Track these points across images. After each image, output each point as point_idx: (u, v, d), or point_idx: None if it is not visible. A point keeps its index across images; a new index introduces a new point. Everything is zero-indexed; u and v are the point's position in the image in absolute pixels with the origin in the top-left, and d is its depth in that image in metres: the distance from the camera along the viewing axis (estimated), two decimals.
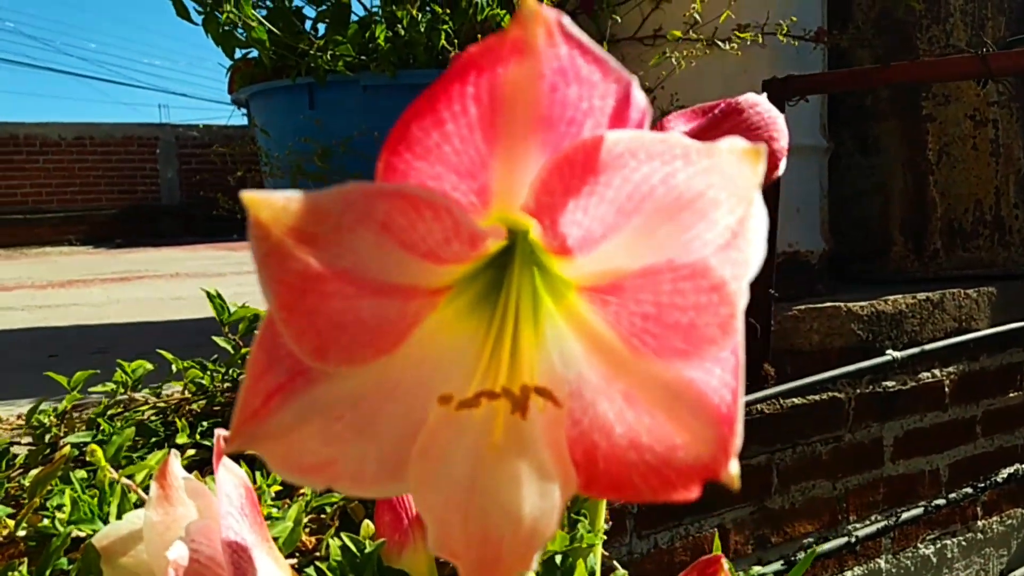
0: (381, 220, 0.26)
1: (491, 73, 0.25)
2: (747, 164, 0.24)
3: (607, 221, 0.27)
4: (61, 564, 0.50)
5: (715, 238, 0.26)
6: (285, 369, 0.27)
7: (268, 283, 0.25)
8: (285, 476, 0.26)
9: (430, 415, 0.29)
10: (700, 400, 0.27)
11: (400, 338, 0.29)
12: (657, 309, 0.27)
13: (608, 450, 0.29)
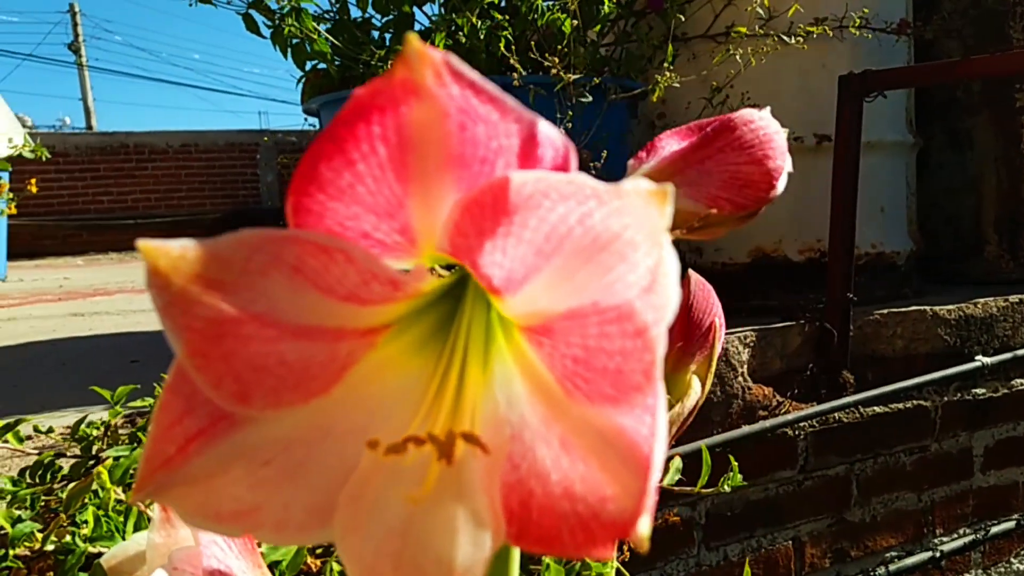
0: (292, 263, 0.25)
1: (394, 113, 0.24)
2: (654, 206, 0.23)
3: (528, 262, 0.25)
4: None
5: (637, 280, 0.25)
6: (207, 413, 0.27)
7: (174, 331, 0.25)
8: (197, 525, 0.26)
9: (363, 459, 0.28)
10: (631, 449, 0.26)
11: (332, 380, 0.29)
12: (586, 353, 0.26)
13: (543, 499, 0.28)
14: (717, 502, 1.45)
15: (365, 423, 0.29)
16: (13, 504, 0.62)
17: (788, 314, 1.62)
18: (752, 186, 0.40)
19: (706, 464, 0.66)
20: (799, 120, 1.76)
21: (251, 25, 1.47)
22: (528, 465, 0.28)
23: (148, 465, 0.25)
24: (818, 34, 1.59)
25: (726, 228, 0.41)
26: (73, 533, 0.54)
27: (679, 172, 0.40)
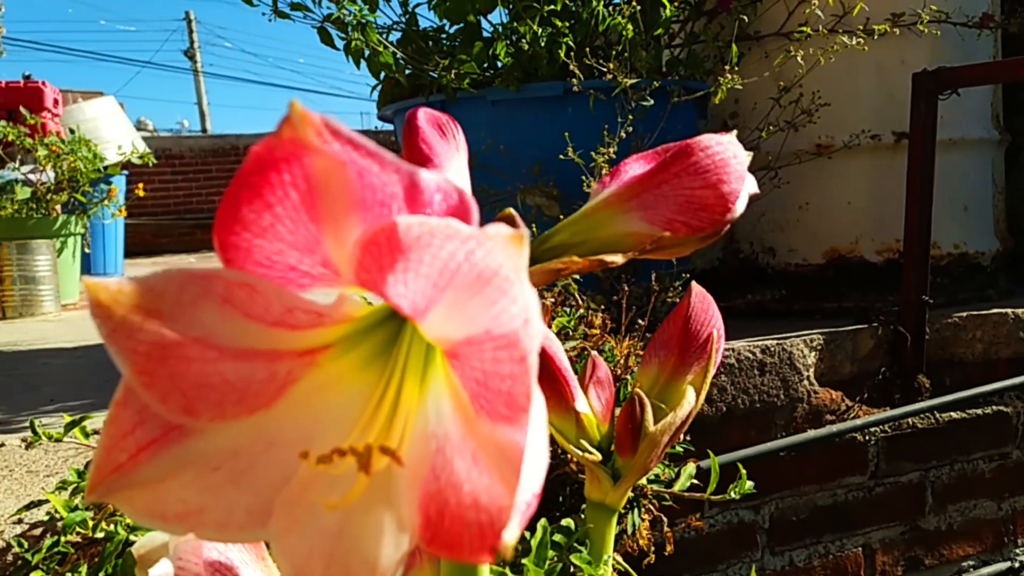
0: (221, 294, 0.29)
1: (299, 163, 0.27)
2: (514, 247, 0.25)
3: (427, 293, 0.28)
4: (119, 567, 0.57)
5: (520, 312, 0.27)
6: (158, 425, 0.30)
7: (119, 354, 0.28)
8: (144, 524, 0.30)
9: (299, 467, 0.32)
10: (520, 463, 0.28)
11: (276, 395, 0.32)
12: (485, 376, 0.29)
13: (455, 507, 0.30)
14: (782, 506, 1.43)
15: (308, 435, 0.33)
16: (76, 494, 0.69)
17: (863, 317, 1.58)
18: (707, 209, 0.41)
19: (714, 471, 0.67)
20: (876, 118, 1.72)
21: (326, 38, 1.53)
22: (447, 476, 0.31)
23: (99, 471, 0.29)
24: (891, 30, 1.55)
25: (685, 249, 0.43)
26: (117, 522, 0.60)
27: (636, 196, 0.42)
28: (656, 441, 0.54)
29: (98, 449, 0.29)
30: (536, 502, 0.28)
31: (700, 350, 0.57)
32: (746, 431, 1.40)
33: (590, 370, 0.56)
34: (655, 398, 0.56)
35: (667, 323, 0.59)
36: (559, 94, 1.43)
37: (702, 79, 1.60)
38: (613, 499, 0.55)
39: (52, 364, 1.85)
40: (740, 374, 1.39)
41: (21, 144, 3.32)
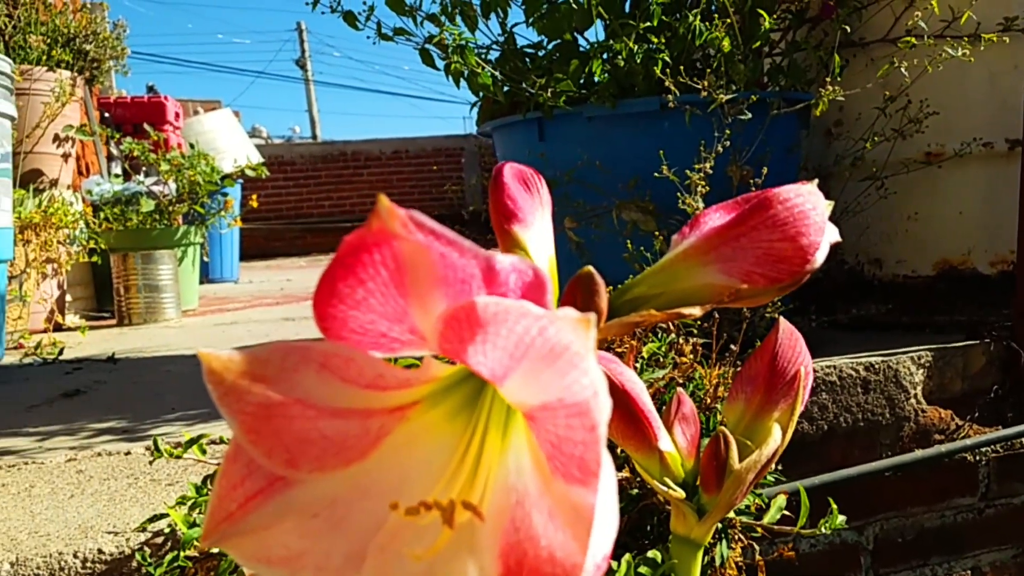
0: (319, 361, 0.32)
1: (389, 246, 0.30)
2: (580, 328, 0.27)
3: (504, 363, 0.30)
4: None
5: (590, 384, 0.29)
6: (263, 476, 0.34)
7: (229, 415, 0.32)
8: (251, 568, 0.33)
9: (389, 517, 0.34)
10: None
11: (368, 449, 0.35)
12: (558, 440, 0.31)
13: (533, 559, 0.32)
14: (887, 528, 1.40)
15: (398, 485, 0.35)
16: (195, 509, 0.74)
17: (974, 331, 1.53)
18: (785, 262, 0.42)
19: (804, 505, 0.67)
20: (989, 125, 1.65)
21: (427, 59, 1.58)
22: (525, 530, 0.33)
23: (212, 519, 0.32)
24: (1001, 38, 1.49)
25: (765, 298, 0.44)
26: None
27: (714, 248, 0.43)
28: (741, 479, 0.55)
29: (211, 499, 0.32)
30: (606, 564, 0.29)
31: (787, 387, 0.57)
32: (848, 450, 1.37)
33: (675, 407, 0.57)
34: (741, 434, 0.57)
35: (754, 358, 0.59)
36: (655, 110, 1.43)
37: (803, 89, 1.57)
38: (698, 534, 0.56)
39: (173, 372, 1.96)
40: (842, 392, 1.37)
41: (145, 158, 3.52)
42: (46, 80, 2.85)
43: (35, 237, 2.47)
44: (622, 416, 0.50)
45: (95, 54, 3.12)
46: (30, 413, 1.51)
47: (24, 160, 2.81)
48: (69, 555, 0.85)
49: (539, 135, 1.54)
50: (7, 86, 2.15)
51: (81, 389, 1.71)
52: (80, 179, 3.66)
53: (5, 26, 2.82)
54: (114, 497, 1.00)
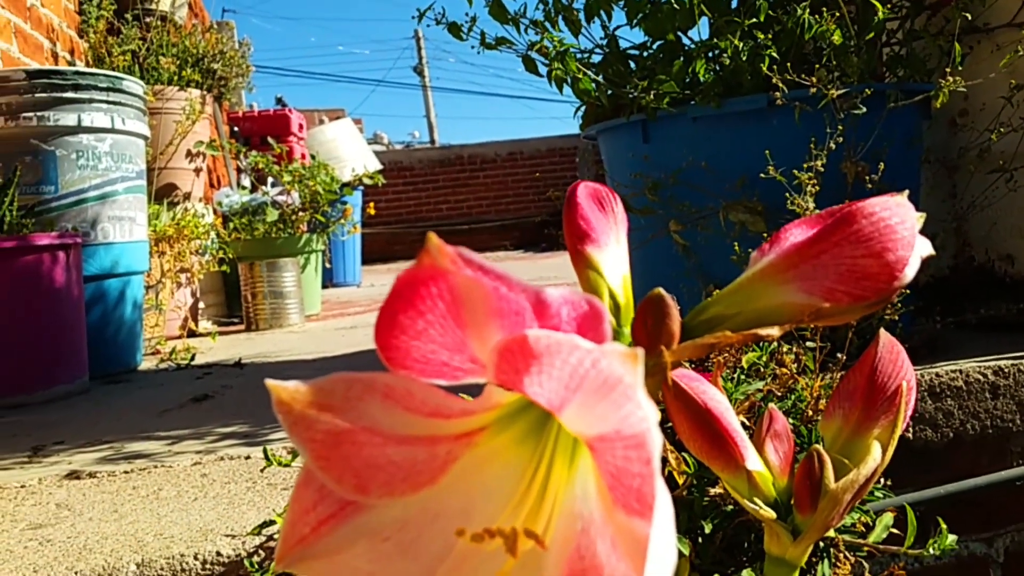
0: (383, 391, 0.32)
1: (444, 279, 0.30)
2: (628, 363, 0.27)
3: (560, 394, 0.30)
4: None
5: (644, 417, 0.29)
6: (335, 501, 0.35)
7: (299, 443, 0.33)
8: None
9: (457, 542, 0.35)
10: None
11: (436, 475, 0.35)
12: (618, 471, 0.31)
13: None
14: (1019, 539, 1.32)
15: (466, 510, 0.36)
16: None
17: None
18: (871, 279, 0.40)
19: (911, 524, 0.64)
20: None
21: (530, 66, 1.58)
22: (590, 558, 0.33)
23: (286, 543, 0.34)
24: None
25: (849, 316, 0.42)
26: None
27: (794, 266, 0.41)
28: (837, 499, 0.53)
29: (284, 524, 0.34)
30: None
31: (887, 403, 0.55)
32: (976, 458, 1.30)
33: (767, 423, 0.56)
34: (837, 452, 0.55)
35: (852, 373, 0.57)
36: (762, 107, 1.39)
37: (923, 80, 1.50)
38: (793, 555, 0.54)
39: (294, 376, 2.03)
40: (969, 397, 1.30)
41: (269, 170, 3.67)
42: (177, 99, 3.02)
43: (169, 248, 2.61)
44: (705, 436, 0.49)
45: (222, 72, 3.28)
46: (162, 418, 1.60)
47: (159, 176, 2.99)
48: (190, 557, 0.89)
49: (643, 137, 1.53)
50: (140, 108, 2.28)
51: (209, 394, 1.80)
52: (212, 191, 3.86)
53: (139, 49, 3.00)
54: (233, 500, 1.05)
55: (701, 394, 0.49)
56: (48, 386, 1.87)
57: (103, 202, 2.14)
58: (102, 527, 0.99)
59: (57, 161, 2.09)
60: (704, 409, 0.49)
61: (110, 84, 2.16)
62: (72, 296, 1.91)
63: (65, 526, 1.01)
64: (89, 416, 1.71)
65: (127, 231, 2.19)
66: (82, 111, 2.11)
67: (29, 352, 1.84)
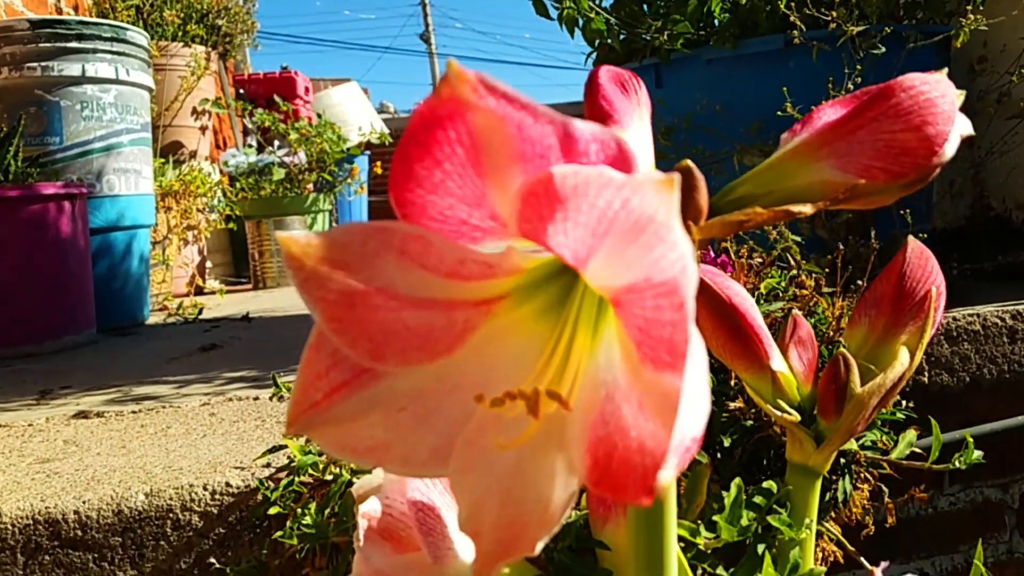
0: (398, 247, 0.31)
1: (463, 119, 0.28)
2: (663, 192, 0.25)
3: (586, 243, 0.29)
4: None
5: (678, 258, 0.27)
6: (349, 368, 0.33)
7: (311, 302, 0.31)
8: (335, 456, 0.33)
9: (476, 410, 0.34)
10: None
11: (455, 343, 0.34)
12: (647, 324, 0.29)
13: (623, 451, 0.31)
14: None
15: (484, 380, 0.34)
16: (310, 441, 0.75)
17: None
18: (909, 154, 0.39)
19: (936, 438, 0.62)
20: None
21: (540, 8, 1.55)
22: (615, 422, 0.32)
23: (297, 407, 0.32)
24: None
25: (885, 198, 0.40)
26: (342, 466, 0.65)
27: (828, 143, 0.40)
28: (863, 404, 0.51)
29: (295, 388, 0.32)
30: (696, 446, 0.27)
31: (916, 309, 0.53)
32: (993, 403, 1.28)
33: (790, 329, 0.54)
34: (863, 359, 0.54)
35: (879, 280, 0.55)
36: (779, 48, 1.36)
37: (943, 21, 1.47)
38: (816, 462, 0.53)
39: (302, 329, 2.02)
40: (987, 342, 1.28)
41: (276, 129, 3.64)
42: (182, 55, 2.99)
43: (175, 204, 2.60)
44: (729, 333, 0.48)
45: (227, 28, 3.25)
46: (170, 364, 1.59)
47: (164, 133, 2.96)
48: (199, 487, 0.88)
49: (656, 81, 1.50)
50: (144, 59, 2.26)
51: (217, 344, 1.79)
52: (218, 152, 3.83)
53: (143, 3, 2.97)
54: (242, 437, 1.04)
55: (725, 289, 0.47)
56: (56, 337, 1.86)
57: (108, 154, 2.12)
58: (110, 461, 0.98)
59: (62, 112, 2.07)
60: (728, 304, 0.47)
61: (114, 34, 2.14)
62: (78, 247, 1.90)
63: (73, 460, 1.00)
64: (97, 364, 1.70)
65: (133, 184, 2.18)
66: (86, 61, 2.08)
67: (36, 302, 1.83)
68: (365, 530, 0.48)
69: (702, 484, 0.51)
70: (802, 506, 0.53)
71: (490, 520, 0.32)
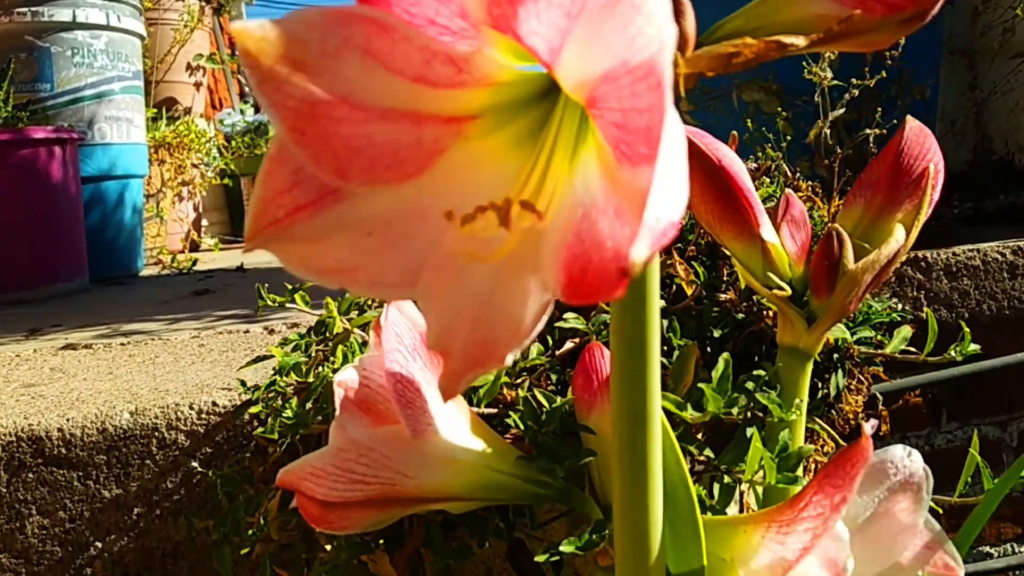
0: (362, 45, 0.29)
1: None
2: None
3: (560, 26, 0.27)
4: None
5: (656, 34, 0.25)
6: (314, 187, 0.32)
7: (270, 107, 0.29)
8: (299, 274, 0.31)
9: (447, 232, 0.32)
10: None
11: (424, 164, 0.32)
12: (623, 116, 0.27)
13: (598, 263, 0.29)
14: None
15: (458, 203, 0.33)
16: (296, 350, 0.74)
17: None
18: None
19: (932, 329, 0.61)
20: None
21: None
22: (591, 238, 0.30)
23: (257, 222, 0.30)
24: None
25: (882, 37, 0.38)
26: (325, 367, 0.64)
27: None
28: (856, 280, 0.50)
29: (254, 201, 0.31)
30: (673, 232, 0.26)
31: (912, 186, 0.52)
32: (992, 340, 1.27)
33: (783, 208, 0.52)
34: (858, 239, 0.52)
35: (876, 162, 0.54)
36: None
37: None
38: (808, 343, 0.52)
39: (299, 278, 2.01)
40: (987, 277, 1.26)
41: None
42: (175, 8, 2.95)
43: (169, 157, 2.58)
44: (718, 196, 0.46)
45: None
46: (162, 306, 1.58)
47: (157, 88, 2.93)
48: (185, 406, 0.87)
49: None
50: (136, 5, 2.23)
51: (211, 289, 1.78)
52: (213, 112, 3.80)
53: None
54: (231, 364, 1.03)
55: (715, 151, 0.45)
56: (48, 283, 1.84)
57: (99, 101, 2.09)
58: (96, 385, 0.97)
59: (52, 58, 2.04)
60: (718, 166, 0.45)
61: None
62: (70, 193, 1.88)
63: (58, 385, 0.99)
64: (89, 308, 1.69)
65: (124, 132, 2.15)
66: (76, 6, 2.05)
67: (28, 248, 1.81)
68: (341, 399, 0.47)
69: (689, 364, 0.50)
70: (792, 388, 0.52)
71: (461, 339, 0.31)
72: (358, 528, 0.50)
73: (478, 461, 0.50)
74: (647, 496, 0.41)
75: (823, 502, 0.39)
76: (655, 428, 0.41)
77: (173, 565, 0.89)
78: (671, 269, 0.61)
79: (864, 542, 0.44)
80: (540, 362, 0.57)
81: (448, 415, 0.49)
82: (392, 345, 0.46)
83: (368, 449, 0.47)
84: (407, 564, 0.55)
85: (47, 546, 0.87)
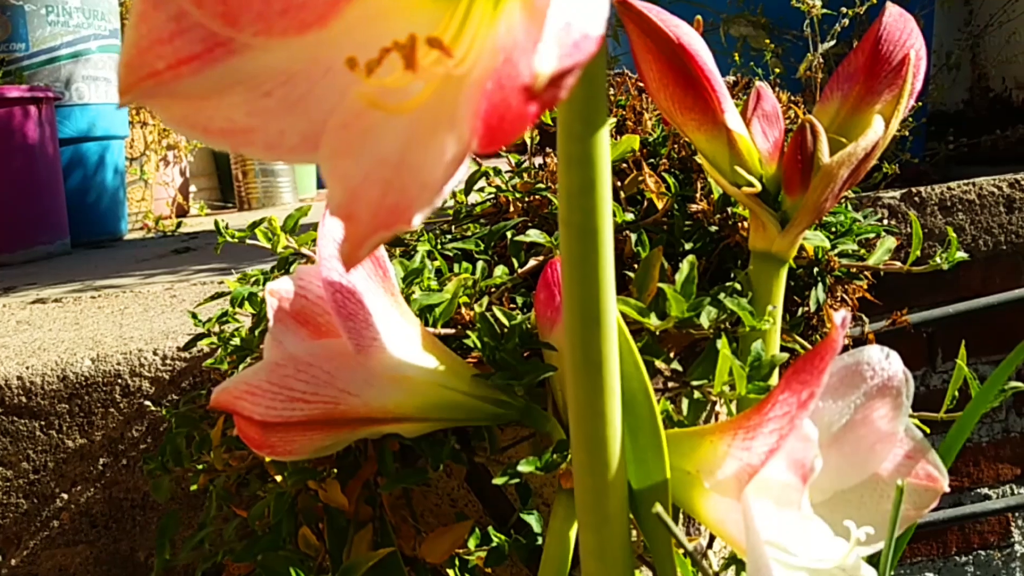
0: None
1: None
2: None
3: None
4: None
5: None
6: (200, 38, 0.28)
7: None
8: (181, 132, 0.27)
9: (352, 86, 0.28)
10: None
11: (327, 12, 0.28)
12: None
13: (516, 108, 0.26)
14: None
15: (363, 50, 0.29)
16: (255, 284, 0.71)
17: None
18: None
19: (916, 236, 0.57)
20: None
21: None
22: (511, 82, 0.26)
23: (132, 73, 0.27)
24: None
25: None
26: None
27: None
28: (831, 175, 0.46)
29: (125, 47, 0.27)
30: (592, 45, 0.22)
31: (892, 75, 0.48)
32: (989, 276, 1.24)
33: (754, 101, 0.48)
34: (834, 133, 0.48)
35: (854, 53, 0.50)
36: None
37: None
38: (781, 247, 0.48)
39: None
40: (982, 211, 1.22)
41: None
42: None
43: (152, 119, 2.52)
44: (678, 81, 0.42)
45: None
46: (139, 263, 1.55)
47: None
48: (149, 352, 0.84)
49: None
50: None
51: (191, 248, 1.75)
52: None
53: None
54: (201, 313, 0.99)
55: (673, 28, 0.42)
56: (28, 246, 1.81)
57: (76, 60, 2.05)
58: (60, 335, 0.94)
59: (26, 17, 1.99)
60: (677, 45, 0.41)
61: None
62: (47, 153, 1.84)
63: (23, 336, 0.96)
64: (70, 269, 1.65)
65: (103, 92, 2.10)
66: None
67: (5, 210, 1.78)
68: (275, 310, 0.43)
69: (653, 271, 0.46)
70: (765, 296, 0.48)
71: (368, 204, 0.27)
72: (304, 453, 0.46)
73: (430, 379, 0.47)
74: (603, 402, 0.38)
75: (789, 400, 0.36)
76: (610, 328, 0.37)
77: (143, 516, 0.87)
78: (642, 184, 0.58)
79: (839, 452, 0.41)
80: (499, 280, 0.53)
81: (396, 329, 0.46)
82: (329, 251, 0.43)
83: (307, 364, 0.43)
84: (363, 494, 0.52)
85: (12, 498, 0.84)
